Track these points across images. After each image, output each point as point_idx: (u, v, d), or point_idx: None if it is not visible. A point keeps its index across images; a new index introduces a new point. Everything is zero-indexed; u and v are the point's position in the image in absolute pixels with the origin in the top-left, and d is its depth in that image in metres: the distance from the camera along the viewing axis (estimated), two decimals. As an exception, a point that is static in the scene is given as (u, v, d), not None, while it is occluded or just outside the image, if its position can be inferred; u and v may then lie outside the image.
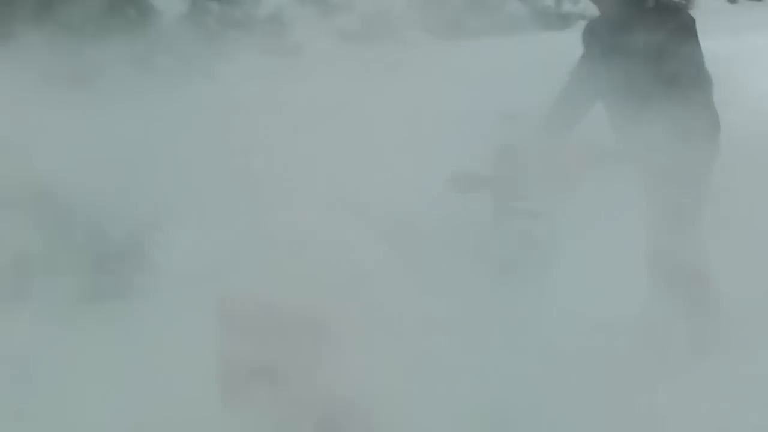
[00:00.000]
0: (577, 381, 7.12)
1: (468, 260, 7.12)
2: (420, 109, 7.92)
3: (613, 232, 7.94)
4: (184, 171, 9.28)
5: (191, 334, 6.64)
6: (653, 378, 7.28)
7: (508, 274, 7.33)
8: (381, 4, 29.91)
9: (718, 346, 7.77)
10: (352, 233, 6.60)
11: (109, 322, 7.26)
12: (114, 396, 6.85)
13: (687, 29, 7.58)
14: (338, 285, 6.23)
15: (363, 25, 30.36)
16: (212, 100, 9.29)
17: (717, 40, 24.70)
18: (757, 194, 9.70)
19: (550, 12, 33.27)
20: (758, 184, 10.01)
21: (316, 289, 6.13)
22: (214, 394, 6.24)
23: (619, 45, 7.56)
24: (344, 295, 6.21)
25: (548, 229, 7.05)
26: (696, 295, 7.83)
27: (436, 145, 7.53)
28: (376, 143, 7.44)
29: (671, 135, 7.13)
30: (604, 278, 8.00)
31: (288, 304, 6.19)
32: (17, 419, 6.90)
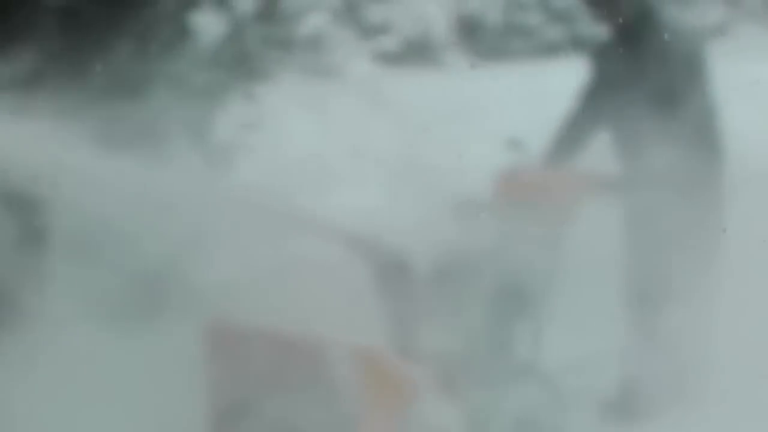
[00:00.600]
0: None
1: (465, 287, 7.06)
2: (433, 132, 7.94)
3: (612, 264, 7.83)
4: (222, 191, 9.35)
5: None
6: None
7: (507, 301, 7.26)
8: (420, 27, 29.98)
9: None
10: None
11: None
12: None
13: (696, 64, 7.45)
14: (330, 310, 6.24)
15: (401, 47, 30.44)
16: (252, 119, 9.35)
17: (759, 65, 24.60)
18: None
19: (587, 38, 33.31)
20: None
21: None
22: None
23: (626, 72, 7.49)
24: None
25: (550, 258, 6.97)
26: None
27: (438, 168, 7.52)
28: (399, 164, 7.46)
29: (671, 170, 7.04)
30: (597, 311, 7.93)
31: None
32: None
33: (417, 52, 30.86)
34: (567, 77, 22.72)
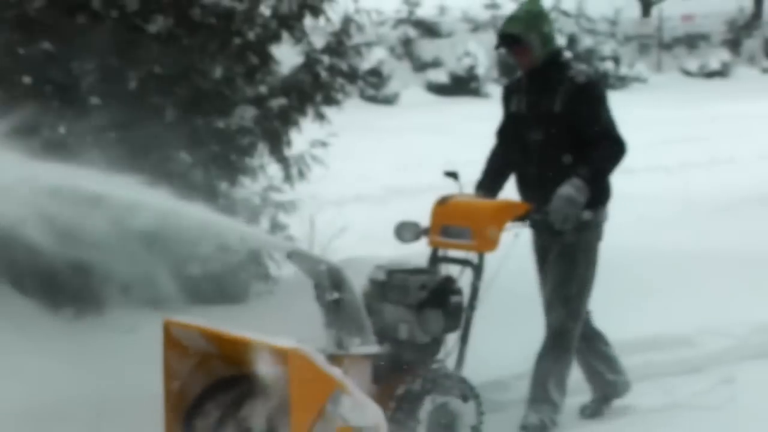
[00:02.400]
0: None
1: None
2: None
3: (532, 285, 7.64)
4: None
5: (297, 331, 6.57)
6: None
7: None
8: (465, 63, 29.87)
9: None
10: None
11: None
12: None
13: (591, 96, 7.02)
14: None
15: (449, 79, 30.36)
16: (321, 136, 9.31)
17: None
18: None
19: (610, 74, 33.15)
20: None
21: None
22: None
23: (537, 106, 7.16)
24: None
25: (475, 278, 6.77)
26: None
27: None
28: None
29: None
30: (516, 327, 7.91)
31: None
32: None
33: (462, 83, 30.85)
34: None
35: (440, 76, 30.45)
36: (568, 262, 7.04)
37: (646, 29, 37.63)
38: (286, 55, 9.52)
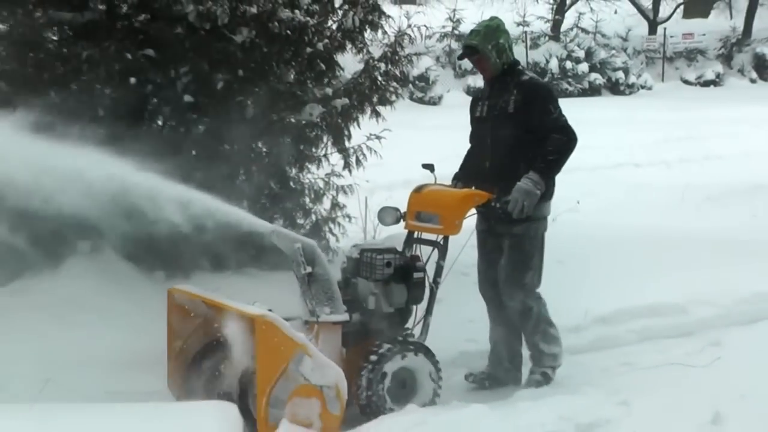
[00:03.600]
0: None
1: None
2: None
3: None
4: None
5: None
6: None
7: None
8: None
9: None
10: None
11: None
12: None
13: (541, 96, 6.83)
14: None
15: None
16: (377, 131, 9.31)
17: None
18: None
19: (621, 82, 32.95)
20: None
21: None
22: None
23: (494, 109, 7.00)
24: None
25: (440, 257, 6.65)
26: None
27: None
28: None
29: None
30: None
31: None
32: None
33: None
34: (603, 110, 22.36)
35: (478, 81, 30.27)
36: (519, 251, 6.91)
37: (652, 44, 37.33)
38: (349, 63, 9.53)
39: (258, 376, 5.56)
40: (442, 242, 6.73)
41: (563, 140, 6.72)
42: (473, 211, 6.89)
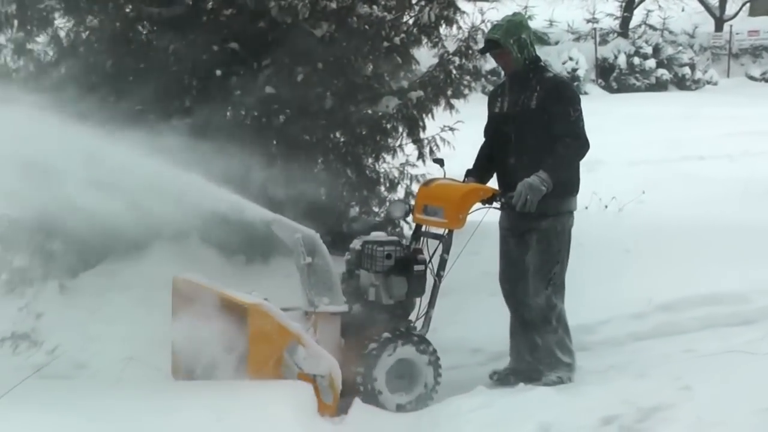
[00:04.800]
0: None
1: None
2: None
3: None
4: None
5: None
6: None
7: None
8: (568, 66, 29.53)
9: None
10: None
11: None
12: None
13: (563, 96, 6.58)
14: None
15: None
16: (450, 123, 9.28)
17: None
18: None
19: (687, 78, 32.54)
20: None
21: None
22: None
23: (516, 104, 6.72)
24: None
25: (443, 251, 6.45)
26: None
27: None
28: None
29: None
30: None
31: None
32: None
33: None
34: (669, 105, 22.10)
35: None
36: (546, 246, 6.64)
37: (718, 41, 36.86)
38: (425, 57, 9.49)
39: (249, 364, 5.51)
40: (446, 236, 6.50)
41: (574, 146, 6.51)
42: (479, 205, 6.58)
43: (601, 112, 19.90)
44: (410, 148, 9.30)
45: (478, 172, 6.96)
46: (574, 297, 6.89)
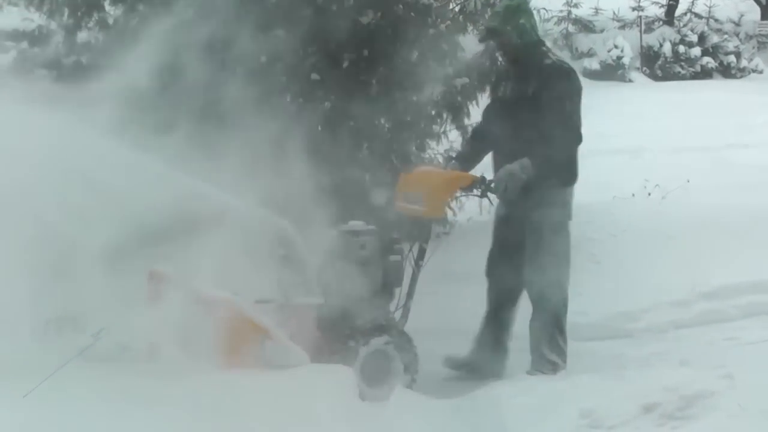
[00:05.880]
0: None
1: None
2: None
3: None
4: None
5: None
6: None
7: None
8: (614, 54, 29.34)
9: None
10: None
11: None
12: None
13: (559, 84, 6.26)
14: None
15: (601, 66, 29.88)
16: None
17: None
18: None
19: (732, 66, 32.21)
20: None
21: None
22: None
23: (516, 90, 6.43)
24: None
25: (422, 240, 6.20)
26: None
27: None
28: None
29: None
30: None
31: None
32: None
33: (610, 70, 30.37)
34: (715, 93, 21.91)
35: (593, 63, 29.86)
36: (538, 238, 6.36)
37: (764, 29, 36.43)
38: (470, 43, 9.45)
39: (218, 357, 5.38)
40: (426, 224, 6.31)
41: (566, 138, 6.27)
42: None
43: (645, 100, 19.78)
44: (454, 135, 9.27)
45: (462, 158, 6.78)
46: (618, 284, 6.84)
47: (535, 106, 6.28)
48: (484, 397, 5.76)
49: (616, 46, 29.84)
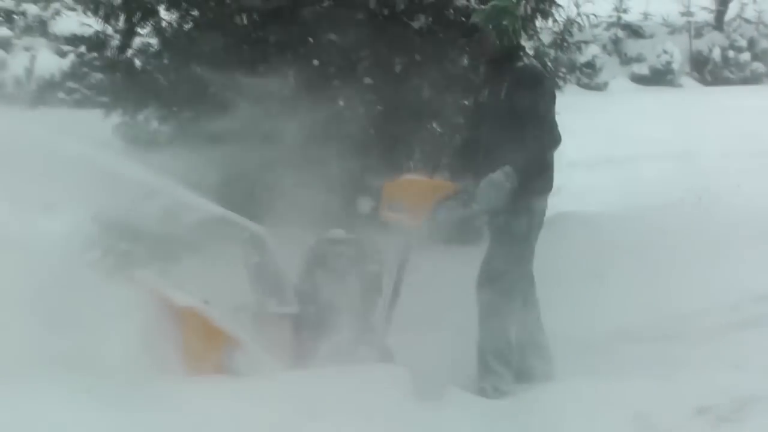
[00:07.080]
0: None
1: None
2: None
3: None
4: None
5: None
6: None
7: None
8: (663, 59, 29.15)
9: None
10: None
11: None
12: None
13: (532, 88, 5.88)
14: None
15: (650, 72, 29.72)
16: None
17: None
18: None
19: (780, 71, 32.01)
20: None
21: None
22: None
23: (491, 94, 6.10)
24: None
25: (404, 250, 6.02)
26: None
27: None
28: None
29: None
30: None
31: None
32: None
33: (660, 75, 30.21)
34: (763, 98, 21.66)
35: (642, 69, 29.79)
36: (496, 243, 6.09)
37: (814, 35, 36.15)
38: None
39: (186, 364, 5.26)
40: (408, 233, 6.08)
41: (544, 141, 5.92)
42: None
43: (695, 105, 19.62)
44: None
45: (454, 168, 6.65)
46: (669, 287, 6.76)
47: (508, 109, 5.99)
48: (537, 399, 5.71)
49: (665, 52, 29.70)
